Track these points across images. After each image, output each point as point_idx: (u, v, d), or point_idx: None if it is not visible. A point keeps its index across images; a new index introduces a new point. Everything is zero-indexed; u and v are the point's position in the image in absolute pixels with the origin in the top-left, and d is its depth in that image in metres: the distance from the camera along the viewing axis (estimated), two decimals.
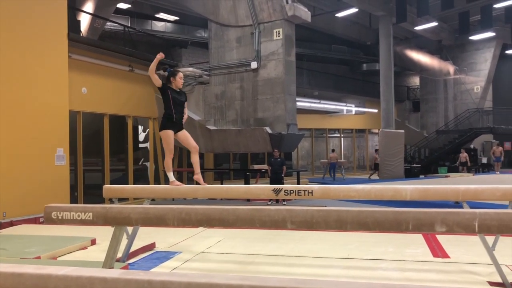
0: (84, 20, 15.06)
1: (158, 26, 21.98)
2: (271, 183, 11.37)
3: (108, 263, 3.71)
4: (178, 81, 5.30)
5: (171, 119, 5.23)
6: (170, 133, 5.23)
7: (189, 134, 5.46)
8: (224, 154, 18.27)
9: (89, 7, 15.31)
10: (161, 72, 14.01)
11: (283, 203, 11.24)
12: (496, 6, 18.73)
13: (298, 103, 15.59)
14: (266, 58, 12.62)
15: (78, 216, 3.65)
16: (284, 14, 12.21)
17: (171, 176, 5.31)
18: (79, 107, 11.46)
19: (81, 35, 13.38)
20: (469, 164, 20.61)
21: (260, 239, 6.54)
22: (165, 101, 5.25)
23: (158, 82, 5.11)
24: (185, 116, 5.49)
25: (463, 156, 20.45)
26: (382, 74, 19.63)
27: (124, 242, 4.92)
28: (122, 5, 17.45)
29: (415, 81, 28.71)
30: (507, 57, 26.20)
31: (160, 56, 5.08)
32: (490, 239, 4.30)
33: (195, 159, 5.41)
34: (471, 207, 3.92)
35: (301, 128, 18.34)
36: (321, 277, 4.64)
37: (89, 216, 3.64)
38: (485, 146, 26.65)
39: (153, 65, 5.03)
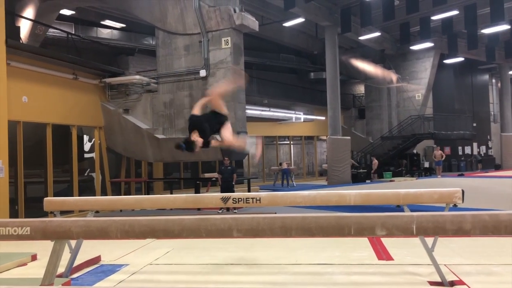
0: (25, 27, 14.41)
1: (104, 33, 21.41)
2: (222, 191, 11.33)
3: (47, 279, 3.55)
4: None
5: None
6: None
7: None
8: (174, 163, 18.03)
9: (30, 13, 14.68)
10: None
11: (234, 211, 11.22)
12: (434, 18, 19.69)
13: (248, 111, 15.67)
14: (215, 66, 12.61)
15: (15, 231, 3.47)
16: (232, 23, 12.27)
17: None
18: (20, 117, 10.96)
19: (21, 41, 12.82)
20: (373, 170, 21.56)
21: (209, 249, 6.49)
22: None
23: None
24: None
25: (374, 163, 21.29)
26: (329, 83, 20.09)
27: (68, 256, 4.73)
28: (66, 12, 16.90)
29: (360, 89, 29.64)
30: (445, 66, 27.59)
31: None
32: (430, 240, 4.49)
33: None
34: (412, 211, 4.07)
35: (252, 136, 18.44)
36: (269, 285, 4.67)
37: (27, 231, 3.47)
38: (427, 151, 27.88)
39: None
